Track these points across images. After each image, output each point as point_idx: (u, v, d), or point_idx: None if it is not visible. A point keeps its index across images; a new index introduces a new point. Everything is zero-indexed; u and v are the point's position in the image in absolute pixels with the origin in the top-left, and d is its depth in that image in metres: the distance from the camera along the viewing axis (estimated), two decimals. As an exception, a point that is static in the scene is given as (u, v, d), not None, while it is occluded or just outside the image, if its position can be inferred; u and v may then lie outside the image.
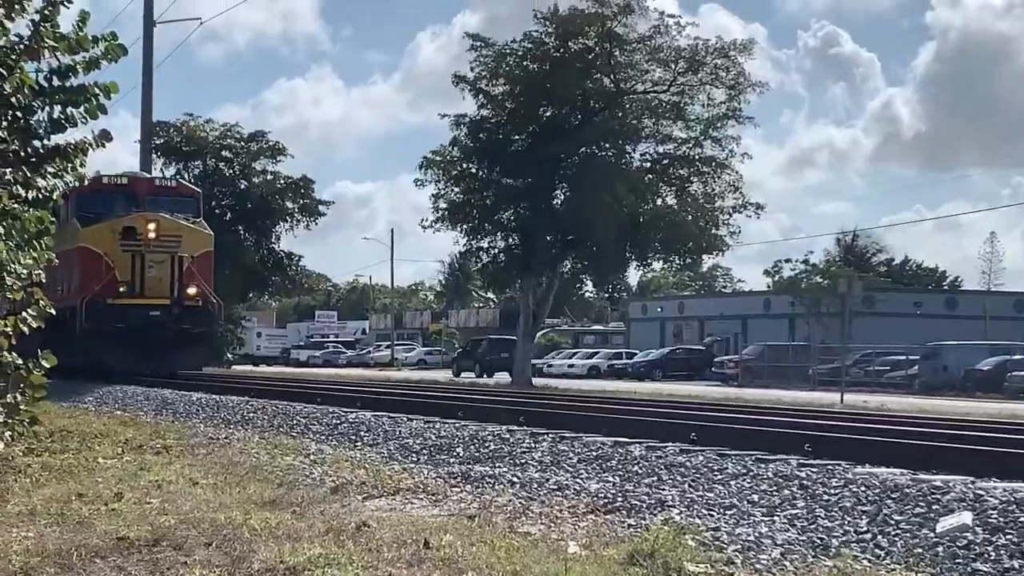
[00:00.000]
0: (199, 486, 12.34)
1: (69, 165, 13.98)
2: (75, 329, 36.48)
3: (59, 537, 9.27)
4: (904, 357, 64.98)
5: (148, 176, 42.70)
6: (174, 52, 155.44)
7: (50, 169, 13.89)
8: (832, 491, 10.99)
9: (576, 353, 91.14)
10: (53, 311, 13.94)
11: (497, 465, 14.08)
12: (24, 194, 13.43)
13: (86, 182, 14.63)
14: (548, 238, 52.89)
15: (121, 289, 36.68)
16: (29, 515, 10.35)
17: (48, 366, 14.02)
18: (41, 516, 10.29)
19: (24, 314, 13.50)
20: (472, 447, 15.72)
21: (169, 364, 37.89)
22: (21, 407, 13.95)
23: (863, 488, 10.95)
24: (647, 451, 14.29)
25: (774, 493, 11.21)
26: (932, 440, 15.00)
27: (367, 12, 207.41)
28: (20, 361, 13.67)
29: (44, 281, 13.74)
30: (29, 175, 13.57)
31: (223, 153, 71.13)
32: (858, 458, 13.30)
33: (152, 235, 37.06)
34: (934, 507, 10.04)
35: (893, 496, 10.53)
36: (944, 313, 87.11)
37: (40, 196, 13.81)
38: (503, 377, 65.25)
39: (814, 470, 12.12)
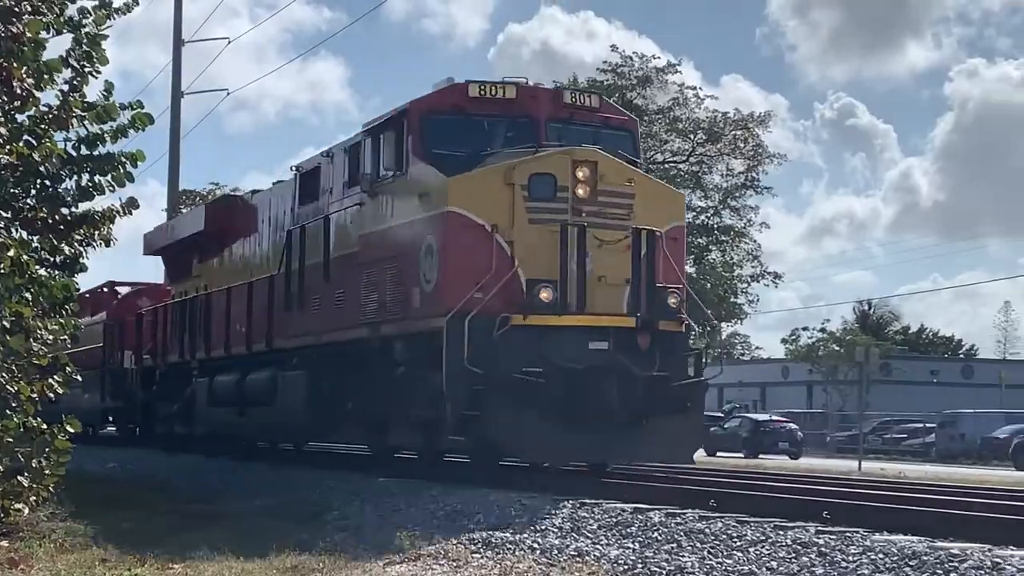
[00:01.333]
0: (222, 552, 12.41)
1: (96, 232, 14.20)
2: (437, 372, 18.04)
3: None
4: (921, 425, 64.99)
5: (547, 87, 23.57)
6: (202, 121, 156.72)
7: (77, 236, 14.08)
8: (851, 558, 11.01)
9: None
10: (79, 377, 14.00)
11: (518, 531, 14.10)
12: (53, 259, 13.62)
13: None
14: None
15: (543, 297, 17.90)
16: (54, 580, 10.46)
17: (72, 431, 14.16)
18: (65, 581, 10.39)
19: (51, 380, 13.64)
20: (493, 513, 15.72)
21: (628, 449, 18.91)
22: (46, 472, 14.09)
23: (881, 555, 10.96)
24: (666, 517, 14.27)
25: (792, 560, 11.24)
26: (950, 508, 15.02)
27: (394, 81, 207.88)
28: (45, 426, 13.82)
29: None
30: (56, 242, 13.76)
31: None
32: (876, 525, 13.31)
33: (585, 191, 18.48)
34: (951, 574, 10.09)
35: (911, 564, 10.55)
36: (961, 381, 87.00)
37: (66, 262, 14.00)
38: None
39: (832, 537, 12.12)
